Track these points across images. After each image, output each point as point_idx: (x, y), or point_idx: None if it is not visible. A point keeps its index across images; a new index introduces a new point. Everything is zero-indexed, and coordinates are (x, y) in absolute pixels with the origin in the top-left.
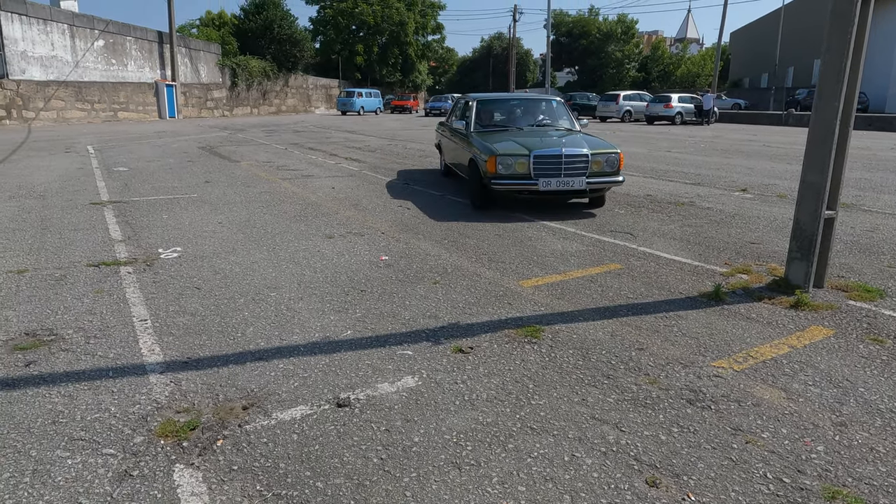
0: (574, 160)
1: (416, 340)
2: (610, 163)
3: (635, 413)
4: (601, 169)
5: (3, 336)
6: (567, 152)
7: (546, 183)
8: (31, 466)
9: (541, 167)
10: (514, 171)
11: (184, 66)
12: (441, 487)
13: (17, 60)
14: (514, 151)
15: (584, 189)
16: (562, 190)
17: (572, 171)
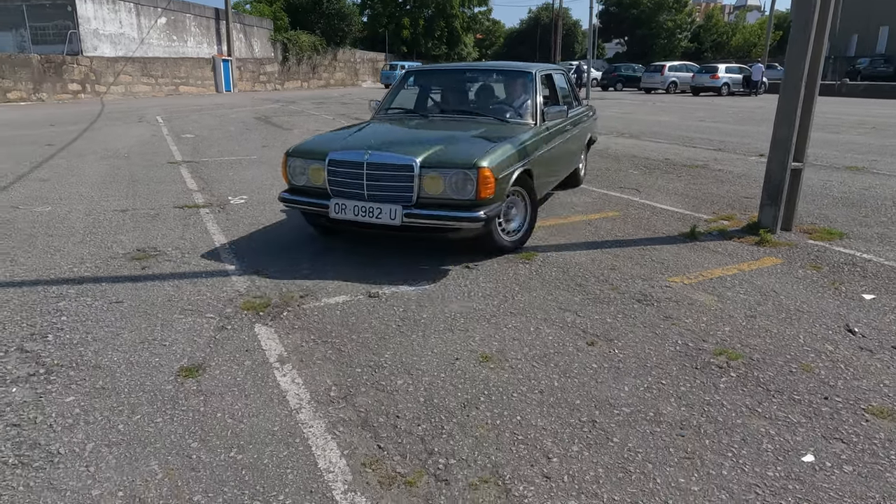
0: (385, 174)
1: (432, 260)
2: (458, 184)
3: (593, 306)
4: (441, 193)
5: (121, 251)
6: (373, 159)
7: (340, 207)
8: (159, 322)
9: (336, 180)
10: (309, 183)
11: (238, 42)
12: (437, 341)
13: (89, 38)
14: (313, 149)
15: (396, 224)
16: (362, 222)
17: (382, 191)
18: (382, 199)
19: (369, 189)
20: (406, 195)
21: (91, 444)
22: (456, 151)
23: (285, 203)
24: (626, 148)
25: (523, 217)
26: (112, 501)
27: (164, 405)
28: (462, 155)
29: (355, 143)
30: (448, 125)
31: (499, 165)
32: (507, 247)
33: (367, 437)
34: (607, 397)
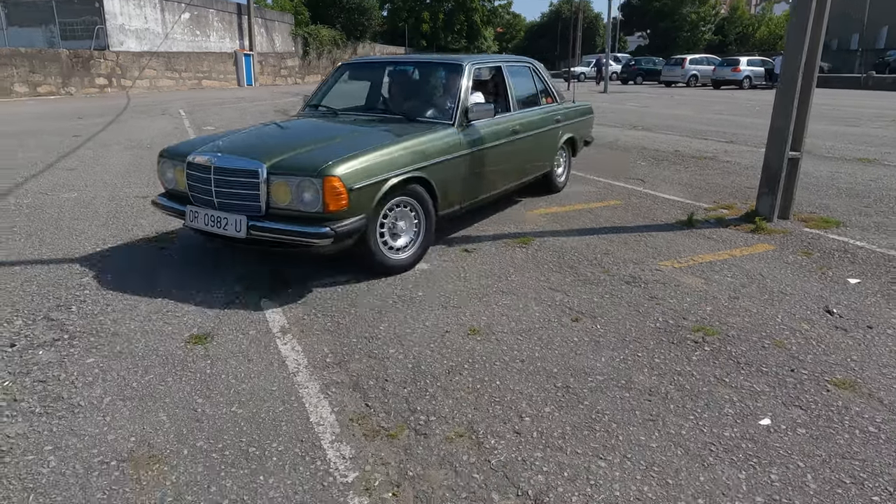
0: (232, 180)
1: (434, 244)
2: (304, 194)
3: (582, 287)
4: (289, 204)
5: (141, 233)
6: (220, 163)
7: (194, 215)
8: (173, 296)
9: (192, 185)
10: (177, 187)
11: (260, 37)
12: (430, 316)
13: (116, 34)
14: (181, 150)
15: (242, 237)
16: (212, 232)
17: (230, 199)
18: (230, 208)
19: (218, 196)
20: (253, 204)
21: (108, 398)
22: (309, 156)
23: (156, 208)
24: (636, 140)
25: (415, 233)
26: (125, 445)
27: (175, 367)
28: (312, 160)
29: (221, 145)
30: (344, 126)
31: (357, 173)
32: (393, 266)
33: (356, 397)
34: (584, 367)
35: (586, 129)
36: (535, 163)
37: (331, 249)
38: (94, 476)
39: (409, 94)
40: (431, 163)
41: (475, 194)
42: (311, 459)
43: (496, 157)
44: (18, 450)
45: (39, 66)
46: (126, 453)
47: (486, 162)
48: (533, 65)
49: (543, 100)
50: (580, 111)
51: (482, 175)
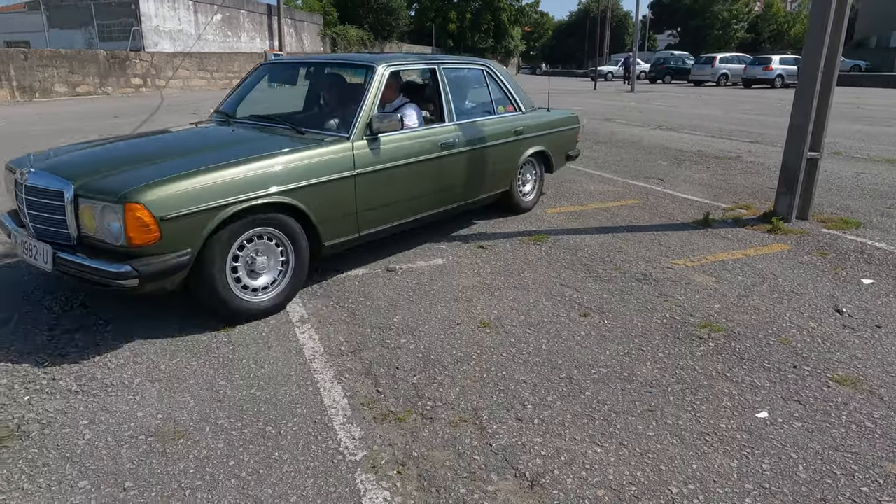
0: (40, 201)
1: (451, 241)
2: (107, 222)
3: (592, 283)
4: (96, 233)
5: None
6: (31, 180)
7: (16, 238)
8: None
9: (18, 204)
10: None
11: (289, 37)
12: (443, 308)
13: (151, 35)
14: (21, 163)
15: (48, 270)
16: (29, 262)
17: (41, 223)
18: (42, 234)
19: (31, 219)
20: (62, 231)
21: (138, 379)
22: (121, 176)
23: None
24: (659, 139)
25: (281, 272)
26: (152, 422)
27: (199, 352)
28: (121, 182)
29: (47, 158)
30: (214, 138)
31: (173, 199)
32: (249, 311)
33: (368, 384)
34: (588, 359)
35: (566, 141)
36: (483, 182)
37: (151, 290)
38: (125, 448)
39: (314, 101)
40: (305, 184)
41: (382, 221)
42: (322, 439)
43: (414, 177)
44: (56, 423)
45: (78, 66)
46: (153, 429)
47: (397, 182)
48: (488, 68)
49: (500, 108)
50: (556, 121)
51: (392, 198)
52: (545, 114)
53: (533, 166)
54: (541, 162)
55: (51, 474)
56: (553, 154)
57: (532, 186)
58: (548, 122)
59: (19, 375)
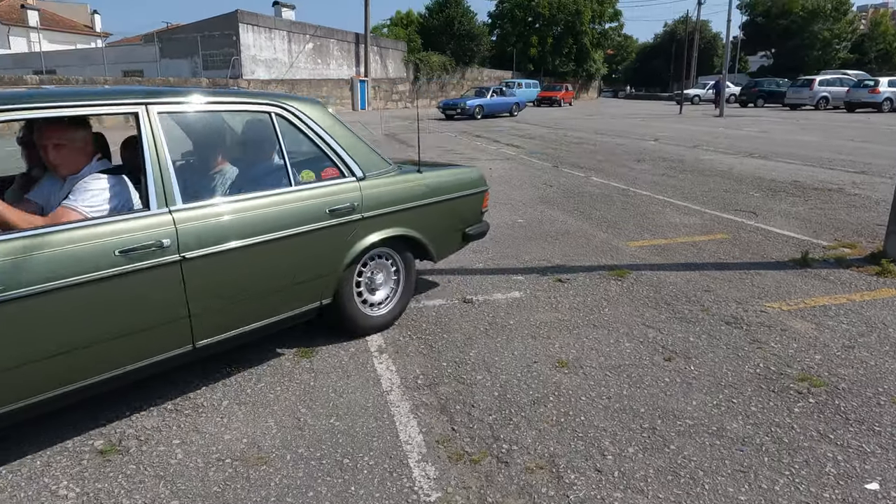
0: None
1: (528, 273)
2: None
3: (678, 325)
4: None
5: None
6: None
7: None
8: None
9: None
10: None
11: (375, 63)
12: (520, 345)
13: (248, 63)
14: None
15: None
16: None
17: None
18: None
19: None
20: None
21: (226, 401)
22: None
23: None
24: (752, 169)
25: None
26: (238, 446)
27: (283, 378)
28: None
29: None
30: None
31: None
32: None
33: (443, 420)
34: (673, 409)
35: (457, 216)
36: (253, 302)
37: None
38: (212, 471)
39: None
40: None
41: None
42: (397, 476)
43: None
44: (153, 440)
45: None
46: (239, 453)
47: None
48: (285, 110)
49: (306, 175)
50: (433, 188)
51: None
52: (412, 177)
53: (390, 260)
54: (406, 251)
55: (146, 492)
56: (430, 238)
57: (389, 293)
58: (413, 191)
59: (120, 392)
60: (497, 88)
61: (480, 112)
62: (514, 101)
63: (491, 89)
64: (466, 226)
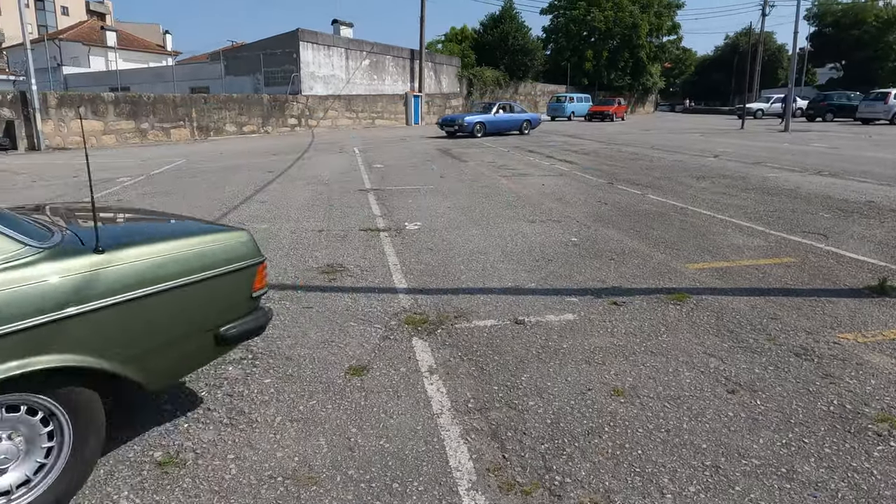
0: None
1: (581, 294)
2: None
3: (742, 355)
4: None
5: (315, 265)
6: None
7: None
8: (338, 327)
9: None
10: None
11: (429, 79)
12: (573, 370)
13: (307, 80)
14: None
15: None
16: None
17: None
18: None
19: None
20: None
21: (279, 417)
22: None
23: None
24: (820, 187)
25: None
26: (290, 464)
27: (334, 395)
28: None
29: None
30: None
31: None
32: None
33: (494, 447)
34: (738, 446)
35: (197, 314)
36: None
37: None
38: (265, 489)
39: None
40: None
41: None
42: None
43: None
44: (209, 454)
45: (246, 108)
46: (290, 471)
47: None
48: None
49: None
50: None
51: None
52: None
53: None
54: (74, 391)
55: None
56: (129, 358)
57: (27, 473)
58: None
59: (180, 402)
60: (505, 104)
61: (482, 130)
62: (524, 118)
63: (496, 105)
64: (223, 323)
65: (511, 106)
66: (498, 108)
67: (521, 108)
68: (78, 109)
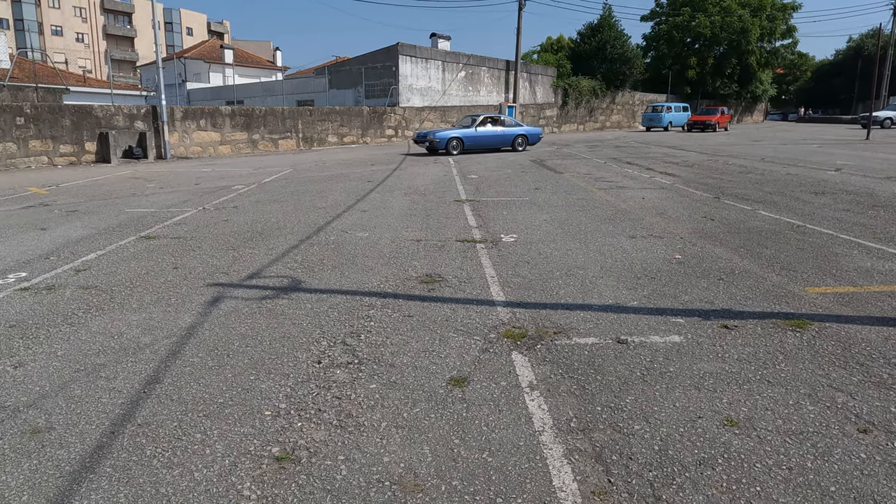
0: None
1: (688, 315)
2: None
3: (874, 391)
4: None
5: (414, 274)
6: None
7: None
8: (437, 337)
9: None
10: None
11: (523, 90)
12: (682, 396)
13: (405, 92)
14: None
15: None
16: None
17: None
18: None
19: None
20: None
21: (384, 423)
22: None
23: None
24: None
25: None
26: (396, 469)
27: (437, 405)
28: None
29: None
30: None
31: None
32: None
33: (598, 470)
34: (873, 493)
35: None
36: None
37: None
38: (373, 491)
39: None
40: None
41: None
42: None
43: None
44: (321, 454)
45: (347, 120)
46: (397, 477)
47: None
48: None
49: None
50: None
51: None
52: None
53: None
54: None
55: (315, 503)
56: None
57: None
58: None
59: (294, 402)
60: (491, 117)
61: (459, 147)
62: (517, 133)
63: (480, 117)
64: None
65: (500, 119)
66: (483, 121)
67: (514, 122)
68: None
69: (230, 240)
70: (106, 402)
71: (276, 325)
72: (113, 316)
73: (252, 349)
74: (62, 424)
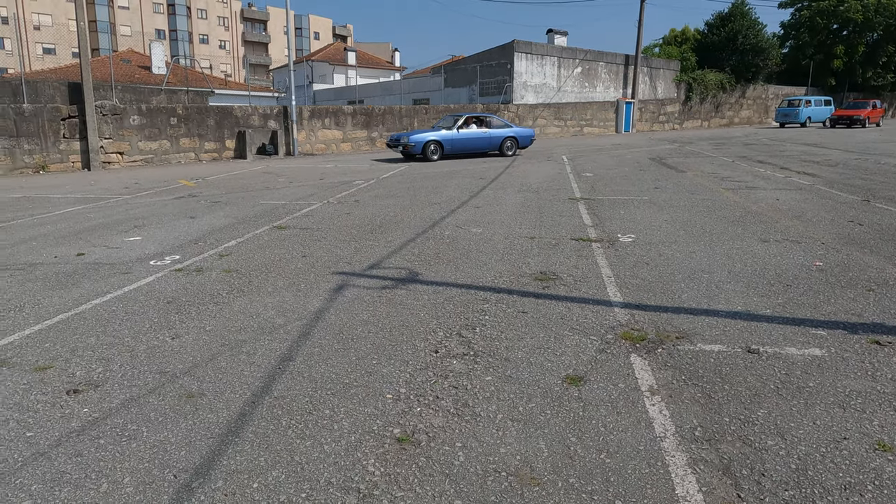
0: None
1: (831, 328)
2: None
3: None
4: None
5: (528, 271)
6: None
7: None
8: (552, 334)
9: None
10: None
11: (643, 84)
12: (824, 414)
13: (519, 89)
14: None
15: None
16: None
17: None
18: None
19: None
20: None
21: (500, 415)
22: None
23: None
24: None
25: None
26: (512, 461)
27: (552, 402)
28: None
29: None
30: None
31: None
32: None
33: (726, 483)
34: None
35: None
36: None
37: None
38: (490, 480)
39: None
40: None
41: None
42: None
43: None
44: (439, 439)
45: None
46: (513, 469)
47: None
48: None
49: None
50: None
51: None
52: None
53: None
54: None
55: (435, 485)
56: None
57: None
58: None
59: (413, 387)
60: (476, 117)
61: (438, 151)
62: (505, 134)
63: (464, 117)
64: None
65: (487, 119)
66: (466, 122)
67: (503, 122)
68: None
69: (352, 231)
70: (247, 375)
71: (396, 314)
72: (251, 298)
73: (374, 335)
74: (211, 391)
